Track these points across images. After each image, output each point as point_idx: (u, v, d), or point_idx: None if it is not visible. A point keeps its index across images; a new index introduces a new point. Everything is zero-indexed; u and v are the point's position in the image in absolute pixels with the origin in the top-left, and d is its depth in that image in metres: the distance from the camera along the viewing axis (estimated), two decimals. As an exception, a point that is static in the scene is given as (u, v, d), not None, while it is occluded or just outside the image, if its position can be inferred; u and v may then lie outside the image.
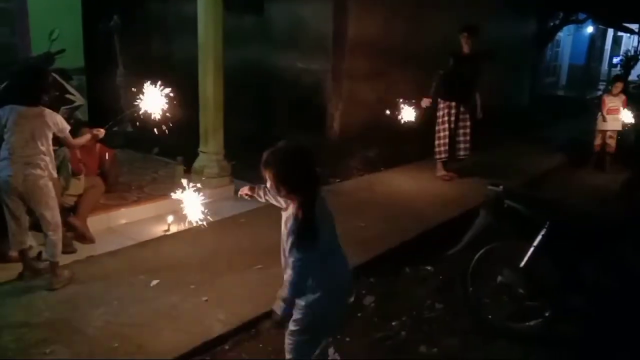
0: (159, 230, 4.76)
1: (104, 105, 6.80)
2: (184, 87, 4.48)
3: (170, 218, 4.75)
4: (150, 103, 3.74)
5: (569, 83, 19.82)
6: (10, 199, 3.55)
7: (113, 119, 4.28)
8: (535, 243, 3.45)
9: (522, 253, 3.48)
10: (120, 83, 7.18)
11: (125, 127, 6.90)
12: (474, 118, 6.86)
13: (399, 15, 7.47)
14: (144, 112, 3.75)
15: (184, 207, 3.57)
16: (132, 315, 3.41)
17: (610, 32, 21.92)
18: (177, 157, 5.90)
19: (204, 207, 3.66)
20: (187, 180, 3.73)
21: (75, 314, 3.39)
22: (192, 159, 5.75)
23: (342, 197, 5.81)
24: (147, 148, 6.59)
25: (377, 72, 7.27)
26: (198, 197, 3.57)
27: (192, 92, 5.49)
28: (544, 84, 16.58)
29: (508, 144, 9.05)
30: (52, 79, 4.13)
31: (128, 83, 3.35)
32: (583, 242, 3.44)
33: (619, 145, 8.26)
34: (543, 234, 3.44)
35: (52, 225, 3.62)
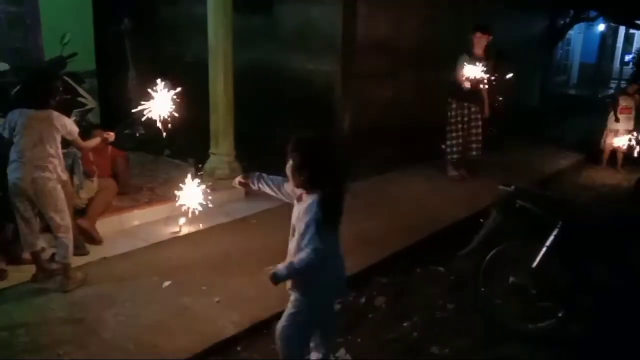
0: (171, 232, 4.78)
1: (116, 108, 6.85)
2: (195, 88, 4.50)
3: (182, 219, 4.78)
4: (161, 105, 3.76)
5: (580, 82, 19.67)
6: (20, 202, 3.59)
7: (124, 122, 4.31)
8: (548, 243, 3.43)
9: (534, 253, 3.46)
10: (132, 86, 7.22)
11: (137, 129, 6.94)
12: (491, 117, 6.87)
13: (409, 15, 7.45)
14: (155, 114, 3.77)
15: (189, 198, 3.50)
16: (144, 317, 3.44)
17: (622, 29, 21.70)
18: (188, 159, 5.93)
19: (215, 208, 3.67)
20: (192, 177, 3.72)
21: (89, 316, 3.42)
22: (203, 161, 5.77)
23: (353, 197, 5.74)
24: (158, 150, 6.62)
25: (386, 72, 7.25)
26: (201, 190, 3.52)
27: (202, 93, 5.51)
28: (555, 83, 16.46)
29: (519, 144, 9.00)
30: (62, 83, 4.15)
31: (139, 85, 3.38)
32: (595, 242, 3.41)
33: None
34: (555, 234, 3.42)
35: (62, 227, 3.64)
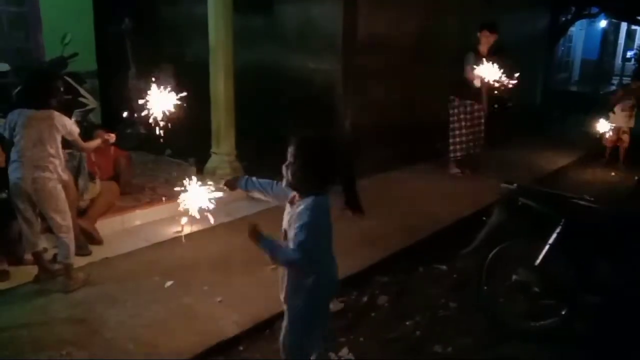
0: (173, 232, 4.78)
1: (117, 108, 6.85)
2: (196, 88, 4.49)
3: (184, 219, 4.76)
4: (161, 105, 3.75)
5: (582, 78, 19.64)
6: (21, 202, 3.59)
7: (124, 121, 4.30)
8: (551, 241, 3.41)
9: (537, 251, 3.45)
10: (133, 85, 7.22)
11: (138, 129, 6.94)
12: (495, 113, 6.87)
13: (410, 13, 7.43)
14: (155, 114, 3.76)
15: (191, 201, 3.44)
16: (147, 317, 3.44)
17: (624, 26, 21.66)
18: (189, 158, 5.93)
19: (216, 207, 3.65)
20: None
21: (91, 316, 3.42)
22: (204, 160, 5.77)
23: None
24: (159, 150, 6.61)
25: (387, 70, 7.23)
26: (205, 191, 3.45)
27: (203, 93, 5.50)
28: (557, 80, 16.44)
29: (521, 141, 8.99)
30: (63, 83, 4.14)
31: (140, 85, 3.38)
32: (598, 239, 3.40)
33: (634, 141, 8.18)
34: (558, 232, 3.40)
35: (63, 227, 3.64)
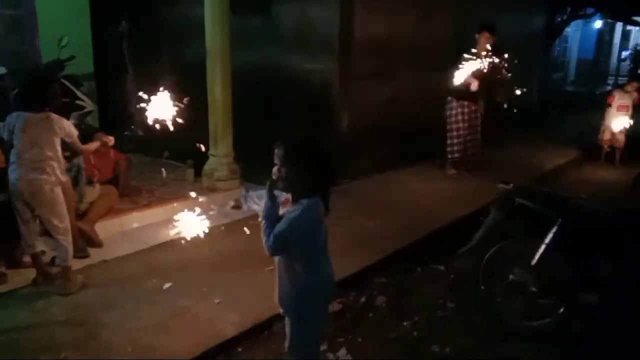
0: (171, 234, 4.77)
1: (115, 111, 6.85)
2: (193, 90, 4.49)
3: (182, 221, 4.76)
4: (159, 107, 3.75)
5: (578, 78, 19.64)
6: (19, 203, 3.61)
7: (123, 124, 4.30)
8: (547, 240, 3.43)
9: (533, 251, 3.46)
10: (130, 88, 7.22)
11: (135, 131, 6.94)
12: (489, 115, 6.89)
13: (407, 14, 7.44)
14: (153, 116, 3.76)
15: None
16: (145, 319, 3.45)
17: (619, 26, 21.68)
18: (187, 160, 5.93)
19: (215, 209, 3.66)
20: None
21: (89, 319, 3.42)
22: (202, 162, 5.77)
23: (351, 197, 5.80)
24: (157, 152, 6.62)
25: (385, 71, 7.25)
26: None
27: (201, 94, 5.50)
28: (553, 80, 16.44)
29: (517, 141, 9.01)
30: (60, 86, 4.14)
31: (138, 87, 3.38)
32: (595, 238, 3.42)
33: (629, 140, 8.21)
34: (554, 232, 3.41)
35: (61, 230, 3.65)
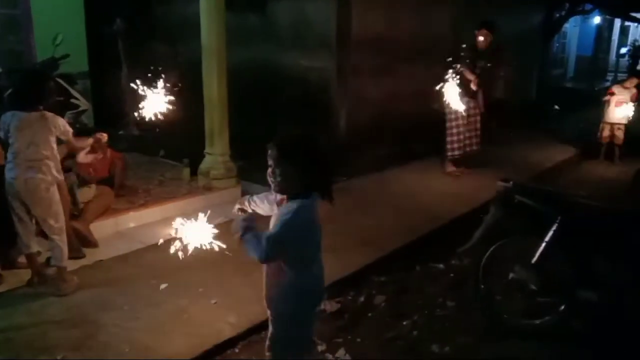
0: (167, 233, 4.74)
1: (110, 109, 6.81)
2: (189, 88, 4.46)
3: (178, 221, 4.73)
4: (154, 106, 3.71)
5: (577, 74, 19.65)
6: (15, 202, 3.58)
7: (118, 122, 4.27)
8: (547, 238, 3.40)
9: (533, 249, 3.44)
10: (125, 86, 7.19)
11: (131, 130, 6.91)
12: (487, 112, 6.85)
13: (404, 10, 7.41)
14: (149, 115, 3.72)
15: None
16: (142, 319, 3.41)
17: (618, 22, 21.70)
18: (183, 159, 5.89)
19: (211, 208, 3.61)
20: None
21: (86, 319, 3.39)
22: (198, 161, 5.74)
23: (350, 195, 5.77)
24: (153, 151, 6.58)
25: (383, 68, 7.22)
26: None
27: (197, 93, 5.47)
28: (552, 76, 16.43)
29: (517, 137, 8.99)
30: (54, 84, 4.11)
31: (133, 86, 3.36)
32: (595, 236, 3.39)
33: (629, 137, 8.18)
34: (554, 229, 3.39)
35: (55, 229, 3.62)
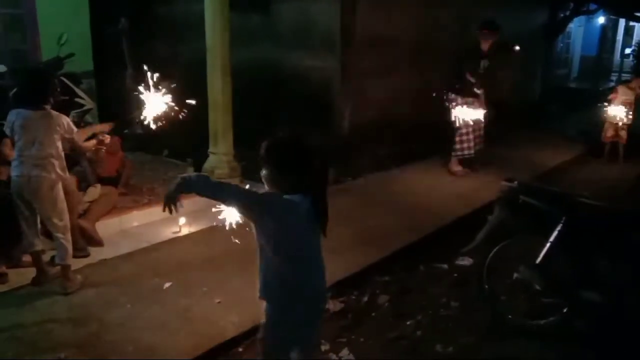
0: (171, 232, 4.76)
1: (114, 108, 6.82)
2: (193, 87, 4.46)
3: (182, 220, 4.75)
4: (158, 105, 3.71)
5: (581, 75, 19.58)
6: (20, 200, 3.59)
7: (122, 121, 4.27)
8: (551, 239, 3.39)
9: (538, 249, 3.43)
10: (130, 85, 7.19)
11: (135, 129, 6.91)
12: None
13: (408, 10, 7.39)
14: (152, 115, 3.72)
15: None
16: (146, 318, 3.42)
17: (622, 22, 21.64)
18: (187, 158, 5.90)
19: (215, 207, 3.62)
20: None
21: (89, 318, 3.39)
22: (202, 161, 5.74)
23: (353, 195, 5.77)
24: (156, 150, 6.59)
25: (387, 68, 7.21)
26: None
27: (201, 92, 5.47)
28: (556, 76, 16.37)
29: (521, 137, 8.97)
30: (59, 83, 4.12)
31: (137, 85, 3.36)
32: (600, 236, 3.38)
33: (633, 137, 8.16)
34: (559, 230, 3.38)
35: (60, 228, 3.63)
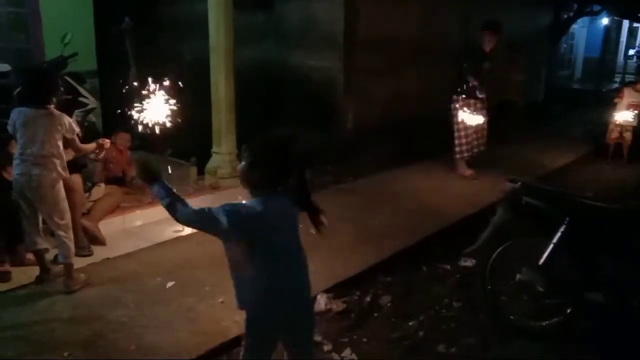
0: (174, 232, 4.76)
1: (118, 108, 6.81)
2: (197, 87, 4.47)
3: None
4: (161, 105, 3.71)
5: (584, 76, 19.53)
6: (22, 198, 3.60)
7: (126, 121, 4.26)
8: (555, 240, 3.38)
9: (541, 250, 3.42)
10: (133, 85, 7.19)
11: (138, 128, 6.90)
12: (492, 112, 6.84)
13: (411, 10, 7.41)
14: (155, 114, 3.72)
15: None
16: (149, 317, 3.42)
17: (626, 23, 21.56)
18: (190, 158, 5.90)
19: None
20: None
21: (92, 317, 3.40)
22: (205, 160, 5.75)
23: (356, 195, 5.77)
24: (159, 149, 6.58)
25: (389, 68, 7.22)
26: None
27: (204, 92, 5.48)
28: (559, 77, 16.34)
29: (524, 138, 8.95)
30: (63, 83, 4.13)
31: (141, 85, 3.38)
32: (603, 237, 3.37)
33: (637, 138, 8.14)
34: (562, 231, 3.37)
35: (61, 226, 3.64)
